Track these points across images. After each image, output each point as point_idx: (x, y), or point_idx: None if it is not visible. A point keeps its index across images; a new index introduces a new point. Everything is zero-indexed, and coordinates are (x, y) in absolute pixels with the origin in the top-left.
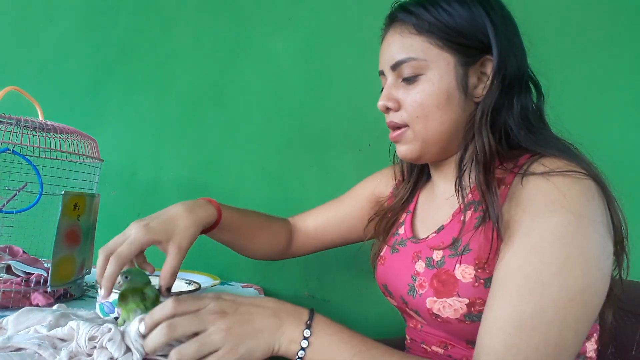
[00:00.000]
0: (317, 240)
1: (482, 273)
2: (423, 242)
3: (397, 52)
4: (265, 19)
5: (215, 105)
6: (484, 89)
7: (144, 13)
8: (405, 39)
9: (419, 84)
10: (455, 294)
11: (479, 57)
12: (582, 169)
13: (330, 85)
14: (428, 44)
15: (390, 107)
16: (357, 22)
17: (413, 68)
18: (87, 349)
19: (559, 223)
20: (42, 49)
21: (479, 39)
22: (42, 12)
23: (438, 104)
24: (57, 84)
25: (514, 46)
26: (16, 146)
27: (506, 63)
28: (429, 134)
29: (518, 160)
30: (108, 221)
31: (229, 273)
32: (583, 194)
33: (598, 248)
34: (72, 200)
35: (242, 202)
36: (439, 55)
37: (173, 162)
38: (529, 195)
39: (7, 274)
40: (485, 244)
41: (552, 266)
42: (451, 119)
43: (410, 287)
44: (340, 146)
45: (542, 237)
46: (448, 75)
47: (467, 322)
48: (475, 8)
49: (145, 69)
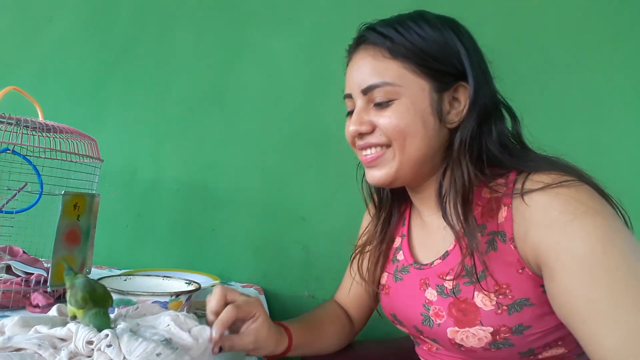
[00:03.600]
0: (363, 301)
1: (504, 299)
2: (428, 268)
3: (369, 76)
4: (265, 19)
5: (215, 106)
6: (456, 115)
7: (144, 13)
8: (379, 63)
9: (392, 108)
10: (478, 323)
11: (453, 83)
12: (574, 177)
13: (330, 85)
14: (404, 69)
15: (363, 131)
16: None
17: (387, 93)
18: (86, 351)
19: (590, 228)
20: (42, 49)
21: (453, 65)
22: (42, 12)
23: (415, 129)
24: (57, 84)
25: (485, 73)
26: (16, 146)
27: (481, 90)
28: (405, 157)
29: (508, 177)
30: (108, 221)
31: (229, 273)
32: (592, 197)
33: (633, 237)
34: (72, 200)
35: (242, 202)
36: (414, 81)
37: (173, 162)
38: (542, 213)
39: (7, 274)
40: (505, 269)
41: (618, 269)
42: (426, 144)
43: (425, 316)
44: (340, 146)
45: (587, 248)
46: (423, 101)
47: (492, 349)
48: (447, 32)
49: (145, 69)
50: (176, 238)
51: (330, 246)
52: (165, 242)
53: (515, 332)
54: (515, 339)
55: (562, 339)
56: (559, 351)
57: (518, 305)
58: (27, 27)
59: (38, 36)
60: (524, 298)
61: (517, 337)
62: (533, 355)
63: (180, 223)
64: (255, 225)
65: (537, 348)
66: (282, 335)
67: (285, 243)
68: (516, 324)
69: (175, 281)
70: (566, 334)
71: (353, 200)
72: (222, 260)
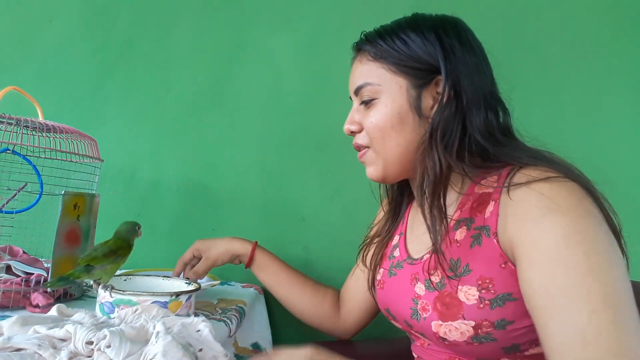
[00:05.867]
0: (362, 302)
1: (486, 294)
2: (418, 263)
3: (357, 78)
4: (265, 19)
5: (215, 106)
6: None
7: (144, 13)
8: (364, 66)
9: (374, 107)
10: (460, 317)
11: (430, 77)
12: (560, 172)
13: (330, 85)
14: (382, 69)
15: (353, 130)
16: (357, 22)
17: (370, 92)
18: (86, 351)
19: (559, 226)
20: (42, 49)
21: (429, 62)
22: (42, 12)
23: (392, 125)
24: (57, 84)
25: (468, 66)
26: (16, 146)
27: (458, 81)
28: (388, 154)
29: (500, 173)
30: (108, 221)
31: (229, 273)
32: (570, 195)
33: (607, 239)
34: (72, 200)
35: (242, 202)
36: (392, 80)
37: (173, 162)
38: (521, 207)
39: (7, 274)
40: (488, 264)
41: (578, 267)
42: (406, 139)
43: (413, 310)
44: (340, 146)
45: (552, 244)
46: (400, 98)
47: (475, 343)
48: (429, 34)
49: (145, 69)
50: (176, 238)
51: (330, 246)
52: (165, 242)
53: (497, 326)
54: (497, 333)
55: None
56: None
57: (501, 299)
58: (27, 27)
59: (38, 36)
60: (507, 293)
61: (499, 332)
62: (519, 352)
63: (180, 223)
64: (255, 225)
65: (522, 344)
66: (247, 242)
67: (285, 243)
68: (498, 319)
69: (175, 281)
70: None
71: (353, 200)
72: None
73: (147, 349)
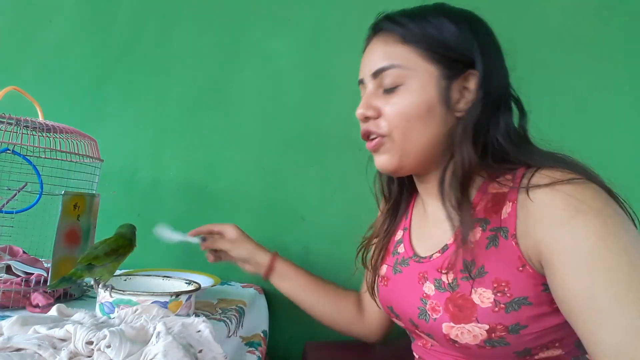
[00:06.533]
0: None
1: (502, 297)
2: (427, 262)
3: (379, 59)
4: (265, 19)
5: (215, 106)
6: (465, 104)
7: (144, 13)
8: (389, 47)
9: (399, 93)
10: (474, 319)
11: (462, 71)
12: (582, 175)
13: (330, 85)
14: (412, 53)
15: (369, 115)
16: (357, 22)
17: (394, 77)
18: (86, 351)
19: (592, 227)
20: (42, 49)
21: (464, 53)
22: (42, 12)
23: (418, 115)
24: (57, 84)
25: (497, 65)
26: (16, 146)
27: (491, 78)
28: (408, 145)
29: (515, 173)
30: (108, 221)
31: (229, 273)
32: (596, 196)
33: (638, 236)
34: (72, 200)
35: (243, 202)
36: (422, 66)
37: (173, 162)
38: (547, 209)
39: (7, 274)
40: (505, 266)
41: (620, 266)
42: (431, 132)
43: (421, 310)
44: (340, 146)
45: (589, 247)
46: (430, 86)
47: (487, 347)
48: (463, 24)
49: (145, 69)
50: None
51: (330, 246)
52: (165, 242)
53: (511, 331)
54: (511, 338)
55: (560, 340)
56: (556, 352)
57: (516, 303)
58: (27, 27)
59: (38, 36)
60: (523, 297)
61: (513, 337)
62: (529, 356)
63: (180, 223)
64: (255, 225)
65: (534, 348)
66: (264, 251)
67: (286, 243)
68: (513, 323)
69: (175, 281)
70: (564, 336)
71: (353, 200)
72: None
73: (148, 349)
